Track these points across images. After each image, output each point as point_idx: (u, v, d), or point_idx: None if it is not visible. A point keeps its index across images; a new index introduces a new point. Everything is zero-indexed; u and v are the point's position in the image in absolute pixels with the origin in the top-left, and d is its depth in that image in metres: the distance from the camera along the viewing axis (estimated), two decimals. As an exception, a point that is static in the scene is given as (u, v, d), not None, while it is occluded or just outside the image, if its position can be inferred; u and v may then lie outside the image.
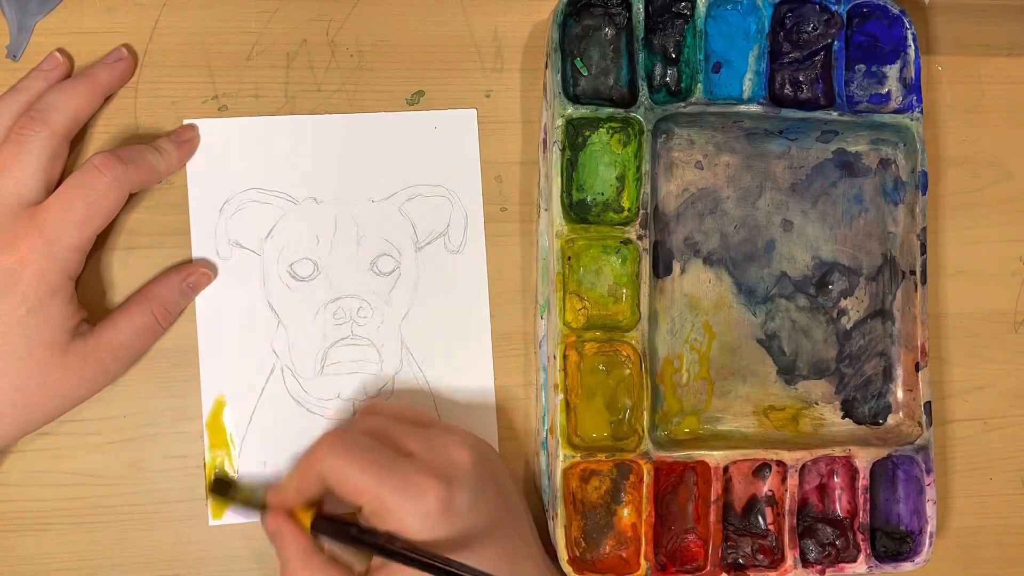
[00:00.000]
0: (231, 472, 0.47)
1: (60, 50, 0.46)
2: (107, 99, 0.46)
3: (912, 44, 0.50)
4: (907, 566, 0.49)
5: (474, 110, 0.49)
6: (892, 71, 0.51)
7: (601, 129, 0.48)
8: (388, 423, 0.44)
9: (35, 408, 0.43)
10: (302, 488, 0.42)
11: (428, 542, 0.40)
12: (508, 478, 0.46)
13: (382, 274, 0.48)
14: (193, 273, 0.46)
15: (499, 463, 0.46)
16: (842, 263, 0.51)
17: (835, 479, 0.50)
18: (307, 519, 0.42)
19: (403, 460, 0.41)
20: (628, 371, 0.47)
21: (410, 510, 0.40)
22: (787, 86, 0.50)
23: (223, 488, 0.46)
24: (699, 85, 0.48)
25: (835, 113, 0.49)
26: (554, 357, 0.46)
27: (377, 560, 0.42)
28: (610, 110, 0.47)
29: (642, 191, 0.47)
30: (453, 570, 0.38)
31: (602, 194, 0.48)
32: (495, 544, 0.42)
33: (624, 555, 0.47)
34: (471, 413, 0.49)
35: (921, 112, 0.50)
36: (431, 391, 0.48)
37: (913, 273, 0.50)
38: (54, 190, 0.43)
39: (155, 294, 0.45)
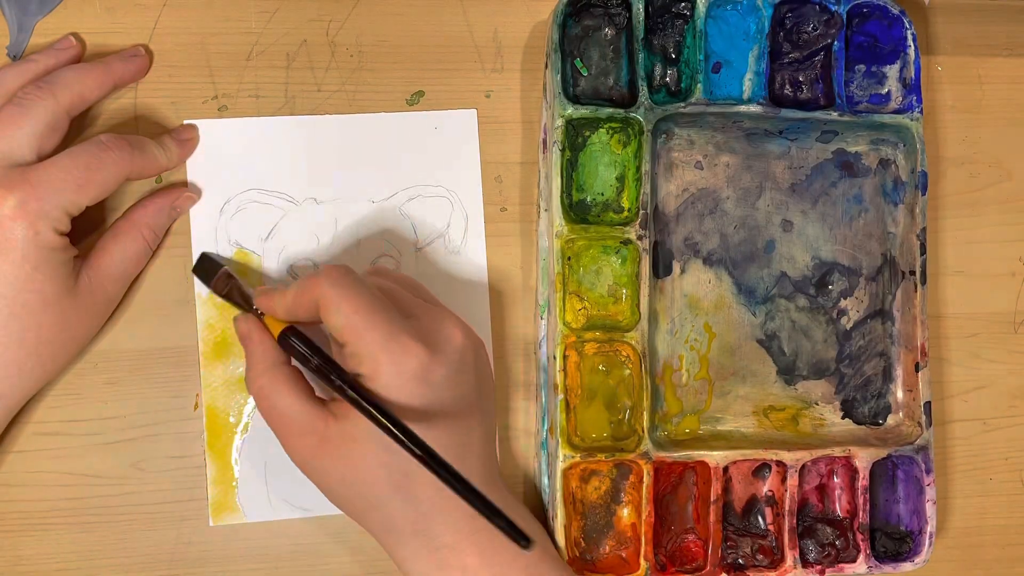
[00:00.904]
0: (221, 262, 0.46)
1: (74, 34, 0.46)
2: (111, 95, 0.46)
3: (912, 44, 0.50)
4: (907, 566, 0.49)
5: (474, 110, 0.49)
6: (892, 71, 0.51)
7: (601, 129, 0.48)
8: (397, 287, 0.44)
9: (58, 356, 0.43)
10: (293, 308, 0.42)
11: (392, 401, 0.40)
12: (491, 379, 0.45)
13: (382, 274, 0.48)
14: (179, 196, 0.46)
15: (487, 362, 0.45)
16: (842, 263, 0.51)
17: (835, 479, 0.50)
18: (278, 330, 0.42)
19: (399, 317, 0.41)
20: (628, 371, 0.47)
21: (387, 365, 0.40)
22: (787, 86, 0.50)
23: (207, 269, 0.46)
24: (699, 85, 0.48)
25: (835, 113, 0.49)
26: (554, 357, 0.46)
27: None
28: (610, 110, 0.47)
29: (642, 191, 0.47)
30: (398, 433, 0.38)
31: (602, 194, 0.48)
32: (452, 429, 0.41)
33: (624, 555, 0.47)
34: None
35: (921, 112, 0.50)
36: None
37: (913, 273, 0.50)
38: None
39: (144, 220, 0.45)
